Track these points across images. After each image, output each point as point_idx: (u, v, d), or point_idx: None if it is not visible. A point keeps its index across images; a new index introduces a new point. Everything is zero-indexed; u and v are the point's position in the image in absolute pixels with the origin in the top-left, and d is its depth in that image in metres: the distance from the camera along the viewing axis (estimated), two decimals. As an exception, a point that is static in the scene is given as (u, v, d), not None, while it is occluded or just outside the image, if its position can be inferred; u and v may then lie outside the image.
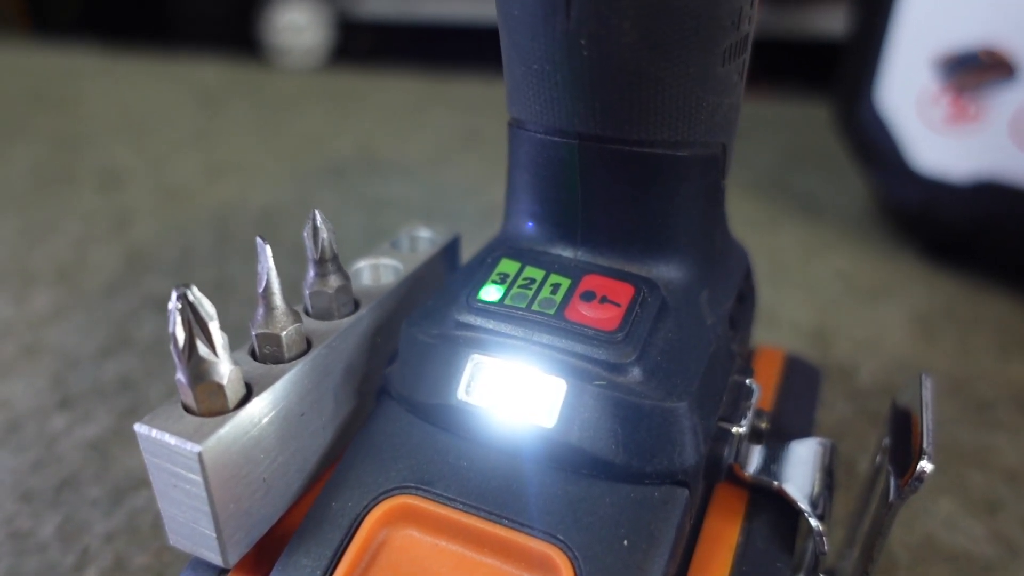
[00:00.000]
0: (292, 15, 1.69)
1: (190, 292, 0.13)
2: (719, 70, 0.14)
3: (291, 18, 1.70)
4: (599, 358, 0.15)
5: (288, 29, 1.70)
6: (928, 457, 0.14)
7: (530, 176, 0.16)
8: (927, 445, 0.14)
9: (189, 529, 0.14)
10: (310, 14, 1.68)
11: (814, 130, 0.53)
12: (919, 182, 0.36)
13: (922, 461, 0.14)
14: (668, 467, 0.14)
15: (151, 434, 0.13)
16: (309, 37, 1.69)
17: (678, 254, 0.16)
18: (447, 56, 0.65)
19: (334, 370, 0.16)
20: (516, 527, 0.14)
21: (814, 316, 0.33)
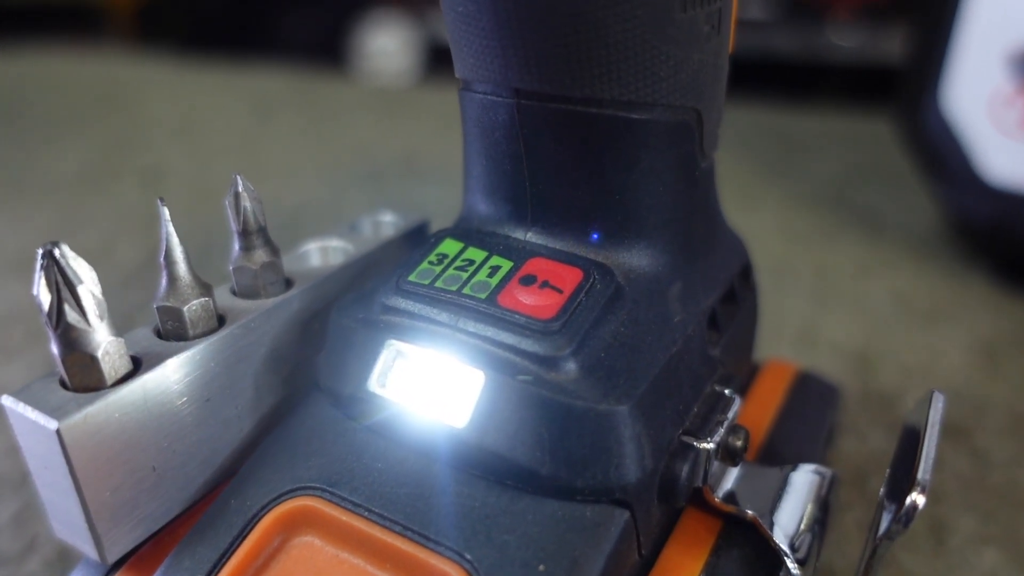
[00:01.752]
0: (383, 40, 1.73)
1: (57, 250, 0.11)
2: (679, 16, 0.12)
3: (382, 43, 1.74)
4: (527, 349, 0.13)
5: (379, 54, 1.74)
6: (921, 489, 0.12)
7: (478, 144, 0.15)
8: (923, 475, 0.12)
9: (66, 518, 0.13)
10: (400, 39, 1.71)
11: (883, 146, 0.49)
12: (991, 195, 0.32)
13: (913, 494, 0.12)
14: (603, 482, 0.12)
15: (15, 407, 0.12)
16: (399, 61, 1.73)
17: (643, 238, 0.14)
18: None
19: (252, 355, 0.15)
20: (422, 541, 0.12)
21: (859, 337, 0.30)
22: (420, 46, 1.70)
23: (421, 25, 1.69)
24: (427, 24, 1.68)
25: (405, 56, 1.71)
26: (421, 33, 1.70)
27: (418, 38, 1.69)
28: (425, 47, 1.70)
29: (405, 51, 1.70)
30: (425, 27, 1.68)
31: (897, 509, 0.12)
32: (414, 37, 1.70)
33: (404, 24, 1.70)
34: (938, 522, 0.21)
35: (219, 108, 0.60)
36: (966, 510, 0.21)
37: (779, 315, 0.31)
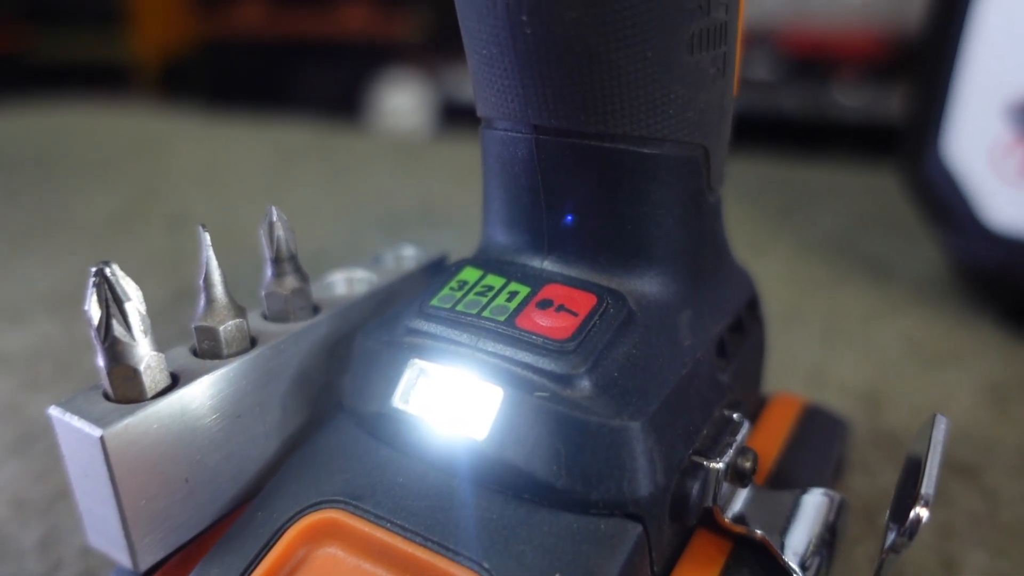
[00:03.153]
0: (398, 99, 1.78)
1: (108, 269, 0.12)
2: (686, 58, 0.13)
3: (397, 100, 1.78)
4: (544, 368, 0.13)
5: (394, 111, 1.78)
6: (925, 503, 0.12)
7: (497, 179, 0.16)
8: (927, 490, 0.12)
9: (102, 526, 0.13)
10: (416, 97, 1.76)
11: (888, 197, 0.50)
12: (995, 241, 0.33)
13: (917, 507, 0.12)
14: (616, 496, 0.13)
15: (62, 416, 0.13)
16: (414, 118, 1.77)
17: (654, 267, 0.15)
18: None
19: (281, 375, 0.15)
20: (442, 551, 0.13)
21: (868, 379, 0.30)
22: (434, 104, 1.74)
23: (435, 83, 1.73)
24: (441, 83, 1.73)
25: (419, 113, 1.75)
26: (435, 91, 1.74)
27: (432, 96, 1.74)
28: (439, 105, 1.74)
29: (419, 109, 1.74)
30: (439, 86, 1.73)
31: (902, 524, 0.12)
32: (428, 95, 1.74)
33: (418, 82, 1.74)
34: (949, 558, 0.21)
35: (242, 158, 0.62)
36: (976, 545, 0.21)
37: (789, 357, 0.31)
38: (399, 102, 1.77)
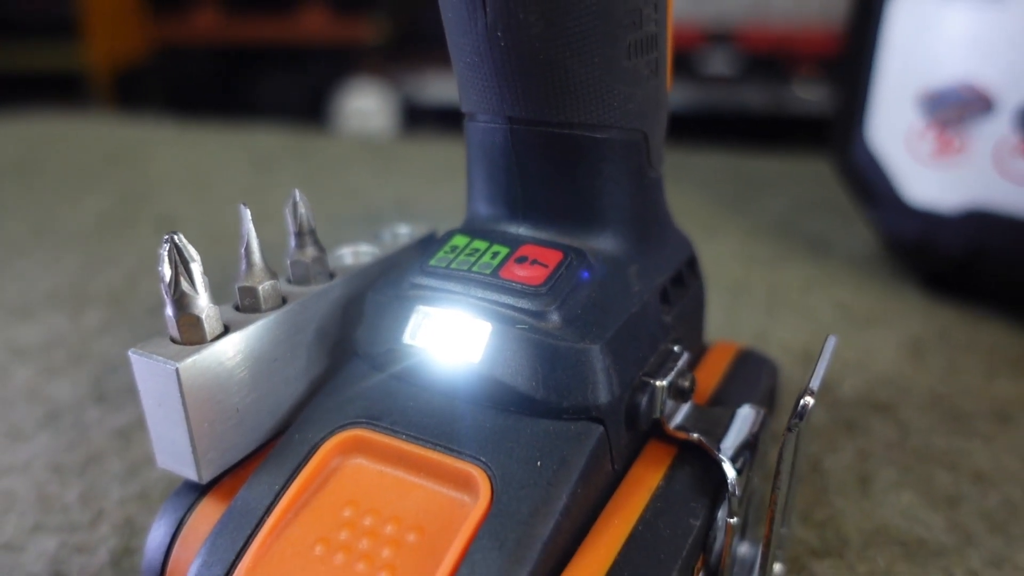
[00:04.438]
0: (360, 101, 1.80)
1: (176, 236, 0.16)
2: (625, 63, 0.17)
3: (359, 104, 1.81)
4: (523, 307, 0.17)
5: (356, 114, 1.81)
6: (811, 392, 0.16)
7: (479, 162, 0.19)
8: (813, 384, 0.16)
9: (171, 446, 0.16)
10: (378, 100, 1.79)
11: (826, 182, 0.55)
12: (913, 215, 0.37)
13: (805, 396, 0.16)
14: (582, 403, 0.16)
15: (141, 357, 0.16)
16: (377, 121, 1.80)
17: (607, 229, 0.19)
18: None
19: (306, 328, 0.19)
20: (448, 452, 0.16)
21: (805, 339, 0.34)
22: (396, 106, 1.77)
23: (396, 86, 1.76)
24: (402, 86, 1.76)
25: (382, 116, 1.78)
26: (396, 94, 1.77)
27: (393, 99, 1.77)
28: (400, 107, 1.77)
29: (382, 111, 1.77)
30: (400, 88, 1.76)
31: (793, 411, 0.16)
32: (390, 98, 1.77)
33: (380, 86, 1.77)
34: (864, 474, 0.25)
35: (220, 162, 0.64)
36: (888, 465, 0.25)
37: (738, 323, 0.35)
38: (361, 105, 1.79)
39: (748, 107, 1.40)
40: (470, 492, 0.16)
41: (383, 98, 1.78)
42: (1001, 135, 0.33)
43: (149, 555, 0.17)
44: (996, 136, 0.33)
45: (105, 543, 0.22)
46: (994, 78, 0.33)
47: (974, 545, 0.22)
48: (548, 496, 0.15)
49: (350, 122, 1.81)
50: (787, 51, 1.41)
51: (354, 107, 1.82)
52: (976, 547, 0.22)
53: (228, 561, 0.15)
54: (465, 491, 0.16)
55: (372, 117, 1.80)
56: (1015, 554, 0.21)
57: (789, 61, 1.41)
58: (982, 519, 0.23)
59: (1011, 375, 0.31)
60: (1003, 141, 0.33)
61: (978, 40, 0.33)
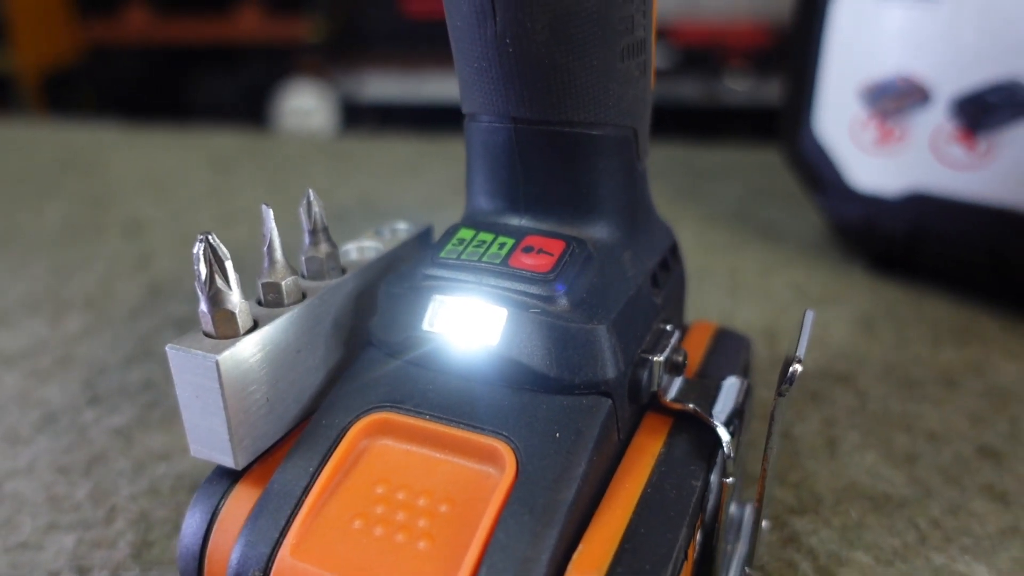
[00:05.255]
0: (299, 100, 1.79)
1: (210, 236, 0.17)
2: (619, 65, 0.19)
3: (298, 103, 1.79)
4: (534, 292, 0.18)
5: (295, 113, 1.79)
6: (798, 360, 0.18)
7: (482, 160, 0.20)
8: (800, 353, 0.18)
9: (207, 435, 0.17)
10: (316, 98, 1.77)
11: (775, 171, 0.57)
12: (858, 200, 0.40)
13: (794, 364, 0.18)
14: (592, 379, 0.18)
15: (180, 351, 0.17)
16: (316, 120, 1.79)
17: (602, 219, 0.20)
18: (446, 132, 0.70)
19: (324, 320, 0.20)
20: (470, 428, 0.18)
21: (766, 319, 0.36)
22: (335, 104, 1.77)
23: (335, 84, 1.76)
24: (340, 83, 1.75)
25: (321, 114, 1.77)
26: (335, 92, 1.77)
27: (332, 96, 1.76)
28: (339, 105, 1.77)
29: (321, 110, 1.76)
30: (339, 86, 1.76)
31: (782, 377, 0.18)
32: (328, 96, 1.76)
33: (318, 86, 1.76)
34: (831, 438, 0.27)
35: (178, 165, 0.64)
36: (851, 429, 0.28)
37: (703, 306, 0.38)
38: (300, 104, 1.78)
39: (683, 99, 1.45)
40: (495, 464, 0.17)
41: (321, 97, 1.77)
42: (937, 123, 0.36)
43: (186, 540, 0.18)
44: (933, 125, 0.36)
45: (123, 537, 0.23)
46: (929, 71, 0.36)
47: (933, 496, 0.24)
48: (568, 464, 0.17)
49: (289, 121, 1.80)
50: (718, 45, 1.46)
51: (292, 106, 1.80)
52: (935, 498, 0.24)
53: (272, 539, 0.16)
54: (490, 464, 0.17)
55: (311, 116, 1.79)
56: (969, 502, 0.24)
57: (720, 55, 1.46)
58: (938, 473, 0.25)
59: (954, 344, 0.34)
60: (939, 129, 0.36)
61: (914, 35, 0.36)
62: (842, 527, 0.23)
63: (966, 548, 0.22)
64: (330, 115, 1.79)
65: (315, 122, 1.80)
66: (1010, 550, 0.22)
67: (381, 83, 1.78)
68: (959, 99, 0.35)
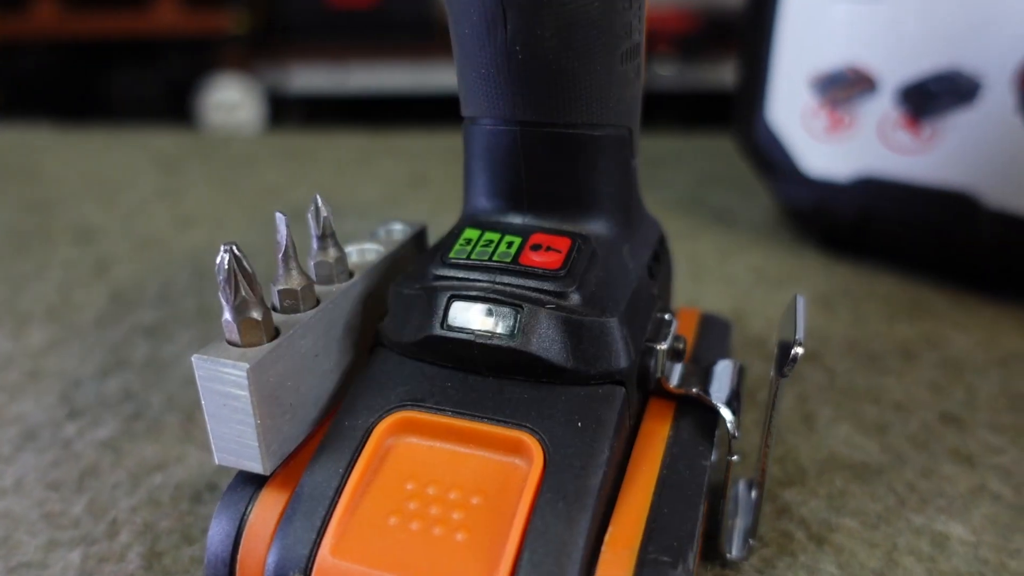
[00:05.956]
0: (224, 93, 1.74)
1: (234, 247, 0.17)
2: (619, 68, 0.19)
3: (223, 96, 1.75)
4: (548, 289, 0.19)
5: (220, 106, 1.75)
6: (799, 343, 0.19)
7: (484, 161, 0.21)
8: (799, 336, 0.19)
9: (235, 444, 0.18)
10: (242, 91, 1.73)
11: (726, 158, 0.59)
12: (810, 185, 0.42)
13: (795, 347, 0.19)
14: (607, 369, 0.19)
15: (206, 362, 0.17)
16: (242, 114, 1.75)
17: (602, 215, 0.21)
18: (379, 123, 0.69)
19: (338, 323, 0.20)
20: (494, 422, 0.18)
21: (732, 302, 0.38)
22: (259, 99, 1.73)
23: (259, 80, 1.72)
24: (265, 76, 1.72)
25: (247, 108, 1.73)
26: (262, 85, 1.73)
27: (258, 89, 1.73)
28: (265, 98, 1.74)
29: (246, 103, 1.73)
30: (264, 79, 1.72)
31: (785, 361, 0.19)
32: (253, 91, 1.73)
33: (243, 80, 1.73)
34: (807, 414, 0.29)
35: (120, 167, 0.62)
36: (824, 404, 0.29)
37: (670, 292, 0.39)
38: (224, 98, 1.74)
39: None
40: (522, 455, 0.18)
41: (246, 90, 1.73)
42: (884, 111, 0.38)
43: (214, 547, 0.18)
44: (879, 112, 0.38)
45: (131, 549, 0.23)
46: (876, 61, 0.38)
47: (906, 462, 0.26)
48: (593, 451, 0.17)
49: (214, 116, 1.75)
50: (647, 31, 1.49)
51: (217, 100, 1.76)
52: (908, 464, 0.26)
53: (310, 541, 0.17)
54: (516, 455, 0.18)
55: (236, 110, 1.75)
56: (940, 466, 0.26)
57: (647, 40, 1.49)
58: (908, 440, 0.27)
59: (908, 318, 0.36)
60: (885, 116, 0.38)
61: (861, 28, 0.38)
62: (828, 496, 0.24)
63: (941, 508, 0.24)
64: (256, 109, 1.75)
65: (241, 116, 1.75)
66: (980, 507, 0.24)
67: (308, 75, 1.75)
68: (904, 88, 0.37)
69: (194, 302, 0.38)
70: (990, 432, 0.28)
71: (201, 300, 0.38)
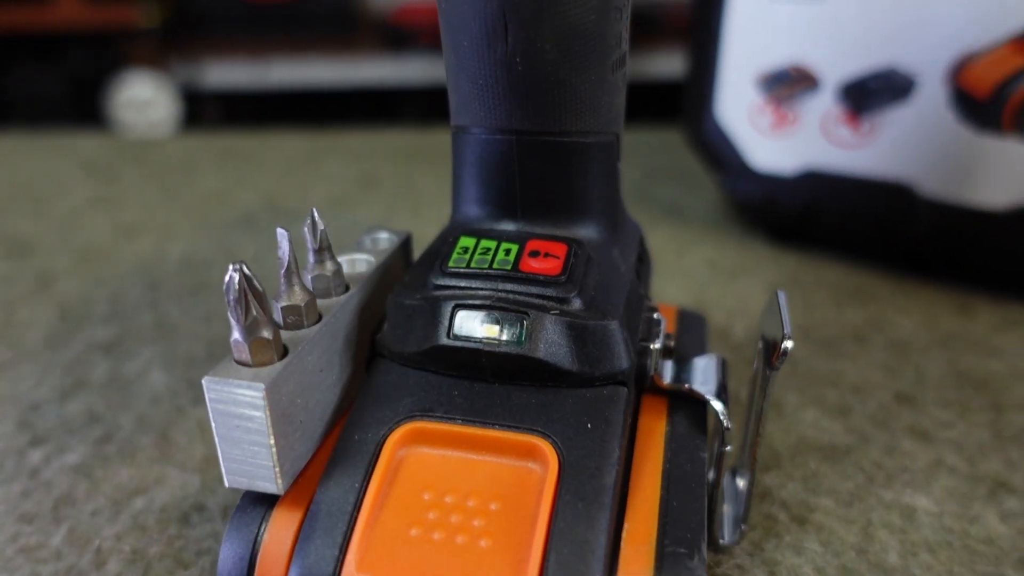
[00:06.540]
0: (135, 90, 1.68)
1: (243, 266, 0.16)
2: (610, 77, 0.20)
3: (134, 93, 1.68)
4: (551, 295, 0.19)
5: (132, 104, 1.68)
6: (788, 337, 0.20)
7: (476, 169, 0.21)
8: (787, 330, 0.20)
9: (248, 465, 0.17)
10: (154, 88, 1.67)
11: (668, 152, 0.61)
12: (758, 179, 0.43)
13: (785, 341, 0.20)
14: (610, 370, 0.19)
15: (218, 384, 0.17)
16: (155, 111, 1.69)
17: (593, 220, 0.22)
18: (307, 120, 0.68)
19: (338, 336, 0.20)
20: (505, 428, 0.18)
21: (692, 295, 0.39)
22: (173, 95, 1.68)
23: (171, 75, 1.67)
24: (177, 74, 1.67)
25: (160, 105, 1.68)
26: (175, 81, 1.68)
27: (170, 88, 1.67)
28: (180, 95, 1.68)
29: (159, 101, 1.67)
30: (175, 77, 1.67)
31: (775, 354, 0.20)
32: (166, 87, 1.67)
33: (155, 75, 1.67)
34: (776, 400, 0.30)
35: (46, 174, 0.59)
36: (789, 391, 0.31)
37: (631, 287, 0.40)
38: (135, 95, 1.67)
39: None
40: (536, 459, 0.18)
41: (159, 87, 1.67)
42: (826, 108, 0.40)
43: (227, 571, 0.18)
44: (822, 109, 0.40)
45: (123, 578, 0.22)
46: (818, 60, 0.40)
47: (869, 442, 0.28)
48: (605, 451, 0.18)
49: (125, 114, 1.68)
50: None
51: (127, 98, 1.69)
52: (871, 443, 0.28)
53: (333, 557, 0.17)
54: (530, 459, 0.18)
55: (149, 107, 1.69)
56: (900, 443, 0.27)
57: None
58: (868, 420, 0.29)
59: (855, 304, 0.38)
60: (828, 112, 0.40)
61: (803, 29, 0.40)
62: (803, 478, 0.26)
63: (907, 483, 0.25)
64: (170, 106, 1.69)
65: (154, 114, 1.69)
66: (940, 480, 0.26)
67: (224, 70, 1.70)
68: (844, 85, 0.39)
69: (150, 316, 0.37)
70: (940, 408, 0.30)
71: (157, 313, 0.37)
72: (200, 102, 1.76)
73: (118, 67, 1.69)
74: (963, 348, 0.34)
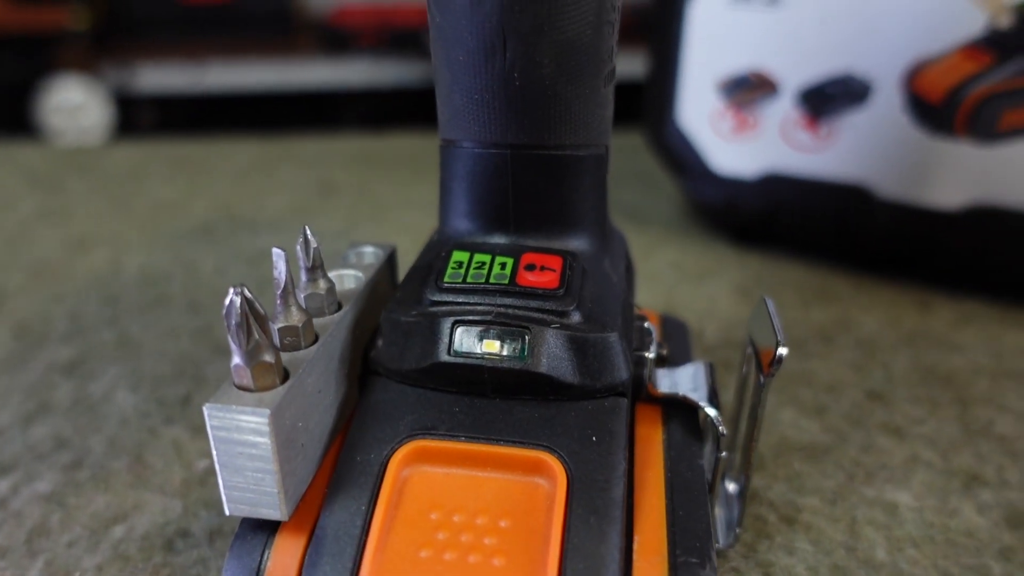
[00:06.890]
0: (65, 94, 1.62)
1: (246, 289, 0.16)
2: (602, 90, 0.20)
3: (64, 97, 1.62)
4: (550, 308, 0.19)
5: (62, 109, 1.62)
6: (783, 344, 0.20)
7: (466, 183, 0.21)
8: (780, 337, 0.21)
9: (251, 492, 0.17)
10: (85, 92, 1.61)
11: (627, 155, 0.62)
12: (720, 182, 0.44)
13: (780, 348, 0.20)
14: (611, 382, 0.19)
15: (220, 411, 0.16)
16: (86, 116, 1.63)
17: (585, 231, 0.22)
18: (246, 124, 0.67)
19: (334, 355, 0.20)
20: (510, 444, 0.18)
21: (661, 299, 0.40)
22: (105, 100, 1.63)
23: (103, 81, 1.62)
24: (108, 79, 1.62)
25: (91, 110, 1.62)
26: (107, 85, 1.63)
27: (104, 90, 1.62)
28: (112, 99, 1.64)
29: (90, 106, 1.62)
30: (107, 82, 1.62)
31: (769, 361, 0.20)
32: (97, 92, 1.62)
33: (86, 80, 1.62)
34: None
35: (-12, 186, 0.56)
36: (766, 391, 0.31)
37: (602, 292, 0.40)
38: (66, 100, 1.62)
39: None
40: (543, 474, 0.18)
41: (90, 91, 1.62)
42: (785, 112, 0.41)
43: (230, 602, 0.17)
44: (781, 113, 0.41)
45: (110, 612, 0.21)
46: (777, 66, 0.41)
47: (846, 440, 0.28)
48: (611, 463, 0.18)
49: (54, 120, 1.62)
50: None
51: (56, 103, 1.63)
52: (849, 441, 0.28)
53: (344, 584, 0.16)
54: (537, 474, 0.18)
55: (80, 112, 1.63)
56: (875, 440, 0.28)
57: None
58: (844, 419, 0.30)
59: (820, 304, 0.39)
60: (787, 117, 0.41)
61: (762, 35, 0.40)
62: (787, 478, 0.26)
63: (886, 479, 0.26)
64: (102, 111, 1.64)
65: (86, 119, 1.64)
66: (917, 475, 0.27)
67: (158, 74, 1.66)
68: (803, 90, 0.40)
69: (111, 333, 0.36)
70: (910, 405, 0.31)
71: (118, 330, 0.36)
72: (134, 106, 1.71)
73: (47, 71, 1.63)
74: (926, 345, 0.35)
